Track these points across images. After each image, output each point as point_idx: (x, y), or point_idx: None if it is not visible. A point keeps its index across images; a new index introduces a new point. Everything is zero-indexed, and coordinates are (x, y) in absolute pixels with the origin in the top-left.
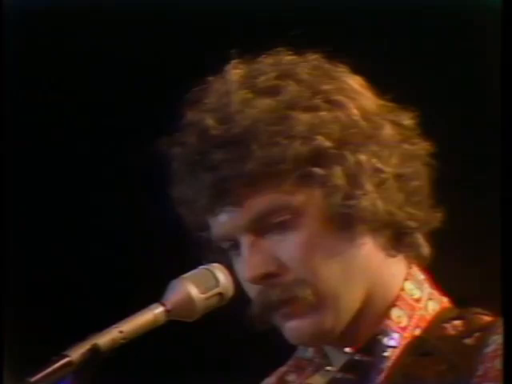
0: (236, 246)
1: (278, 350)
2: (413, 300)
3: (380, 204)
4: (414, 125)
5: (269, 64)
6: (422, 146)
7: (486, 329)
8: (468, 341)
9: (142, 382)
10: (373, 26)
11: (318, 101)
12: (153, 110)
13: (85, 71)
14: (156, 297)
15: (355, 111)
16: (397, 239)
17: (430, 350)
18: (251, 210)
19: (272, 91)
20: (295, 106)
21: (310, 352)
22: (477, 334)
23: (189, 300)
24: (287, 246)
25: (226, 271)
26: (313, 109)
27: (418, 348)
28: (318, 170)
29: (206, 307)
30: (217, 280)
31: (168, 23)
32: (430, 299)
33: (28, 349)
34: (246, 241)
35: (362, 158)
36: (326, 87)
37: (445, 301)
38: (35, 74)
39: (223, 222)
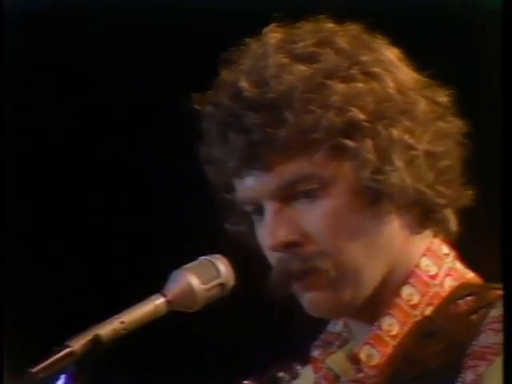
0: (259, 210)
1: (279, 341)
2: (428, 277)
3: (409, 181)
4: (449, 102)
5: (307, 30)
6: (456, 125)
7: (491, 303)
8: (474, 317)
9: (143, 373)
10: (371, 26)
11: (354, 71)
12: (153, 110)
13: (85, 71)
14: (157, 288)
15: (391, 84)
16: (424, 216)
17: (434, 330)
18: (280, 176)
19: (309, 58)
20: (332, 76)
21: (339, 325)
22: (482, 310)
23: (190, 291)
24: (312, 216)
25: (226, 262)
26: (349, 79)
27: (423, 329)
28: (349, 143)
29: (207, 298)
30: (218, 271)
31: (168, 23)
32: (449, 275)
33: (28, 349)
34: (270, 207)
35: (395, 132)
36: (364, 58)
37: (467, 276)
38: (35, 73)
39: (249, 185)
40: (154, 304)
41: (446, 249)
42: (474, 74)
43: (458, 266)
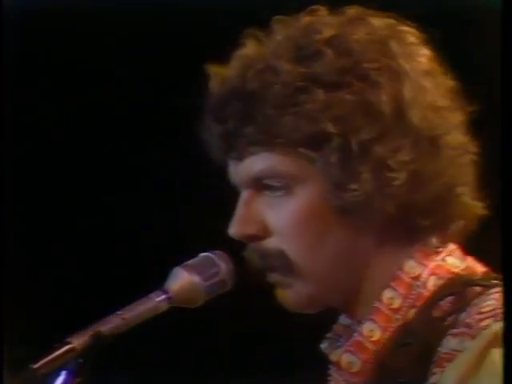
0: None
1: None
2: (411, 278)
3: (379, 203)
4: (464, 116)
5: (335, 21)
6: (462, 140)
7: (466, 305)
8: (449, 320)
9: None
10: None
11: (349, 78)
12: (153, 110)
13: (85, 71)
14: (158, 285)
15: (385, 98)
16: (408, 234)
17: (411, 339)
18: (249, 168)
19: (309, 57)
20: (318, 81)
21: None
22: (457, 313)
23: (190, 287)
24: (276, 211)
25: (227, 258)
26: (337, 87)
27: (401, 337)
28: (313, 154)
29: (208, 294)
30: (218, 267)
31: (168, 23)
32: (434, 274)
33: (28, 349)
34: (243, 195)
35: (375, 151)
36: (368, 65)
37: (455, 271)
38: (35, 73)
39: (231, 171)
40: (155, 301)
41: (438, 247)
42: (473, 74)
43: (450, 260)
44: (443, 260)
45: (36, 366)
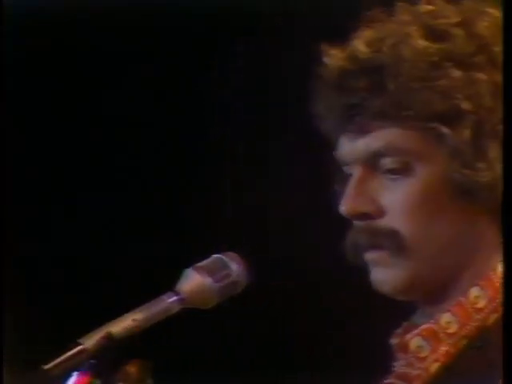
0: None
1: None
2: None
3: (499, 186)
4: None
5: (455, 9)
6: None
7: None
8: None
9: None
10: None
11: (479, 59)
12: (153, 109)
13: (85, 71)
14: (169, 286)
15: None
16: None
17: (483, 342)
18: (370, 142)
19: (440, 36)
20: (452, 59)
21: (425, 318)
22: None
23: (202, 289)
24: (393, 191)
25: (239, 260)
26: (470, 67)
27: (476, 339)
28: (444, 129)
29: (220, 296)
30: (230, 269)
31: (168, 22)
32: None
33: (28, 349)
34: (355, 172)
35: (501, 132)
36: (496, 48)
37: None
38: (35, 73)
39: (344, 147)
40: (167, 302)
41: None
42: None
43: None
44: None
45: (48, 366)
